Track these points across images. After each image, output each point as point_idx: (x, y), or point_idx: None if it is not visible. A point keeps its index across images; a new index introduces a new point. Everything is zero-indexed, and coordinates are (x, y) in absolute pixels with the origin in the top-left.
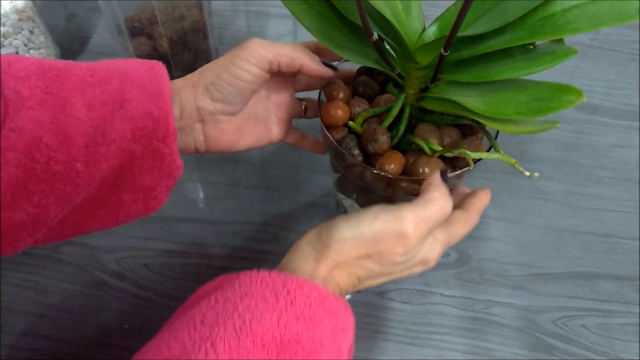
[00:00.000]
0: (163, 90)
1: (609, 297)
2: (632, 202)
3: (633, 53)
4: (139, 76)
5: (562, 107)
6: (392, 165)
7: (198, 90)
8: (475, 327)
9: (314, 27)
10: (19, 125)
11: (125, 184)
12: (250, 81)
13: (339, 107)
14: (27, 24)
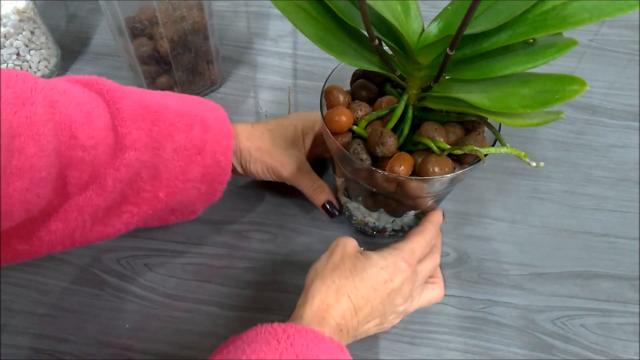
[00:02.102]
0: (230, 143)
1: (607, 296)
2: (631, 202)
3: (632, 53)
4: (216, 130)
5: (567, 98)
6: (402, 167)
7: (242, 164)
8: (474, 326)
9: (314, 35)
10: (128, 163)
11: (181, 208)
12: None
13: (343, 113)
14: (28, 24)
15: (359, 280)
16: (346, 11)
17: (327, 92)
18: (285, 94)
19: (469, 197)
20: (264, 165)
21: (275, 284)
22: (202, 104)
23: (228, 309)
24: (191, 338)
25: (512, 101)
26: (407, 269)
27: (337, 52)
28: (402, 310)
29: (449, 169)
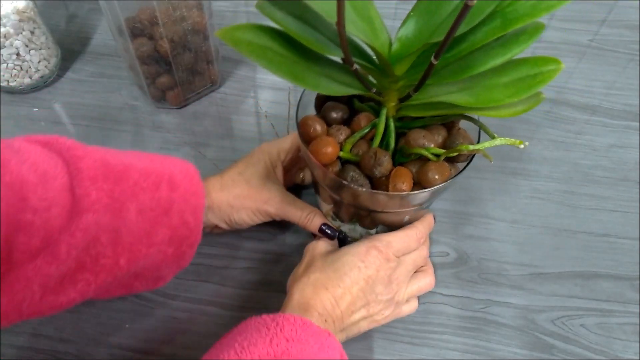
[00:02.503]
0: (200, 202)
1: (607, 296)
2: (630, 202)
3: (632, 53)
4: (185, 187)
5: (548, 79)
6: (404, 183)
7: (221, 217)
8: (474, 326)
9: (287, 73)
10: (85, 227)
11: (146, 274)
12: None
13: (328, 144)
14: (28, 24)
15: (332, 271)
16: (314, 41)
17: (303, 124)
18: (285, 94)
19: (469, 197)
20: (248, 211)
21: (275, 284)
22: (171, 162)
23: (228, 309)
24: (191, 338)
25: (495, 93)
26: (378, 256)
27: (312, 85)
28: (388, 300)
29: (448, 172)
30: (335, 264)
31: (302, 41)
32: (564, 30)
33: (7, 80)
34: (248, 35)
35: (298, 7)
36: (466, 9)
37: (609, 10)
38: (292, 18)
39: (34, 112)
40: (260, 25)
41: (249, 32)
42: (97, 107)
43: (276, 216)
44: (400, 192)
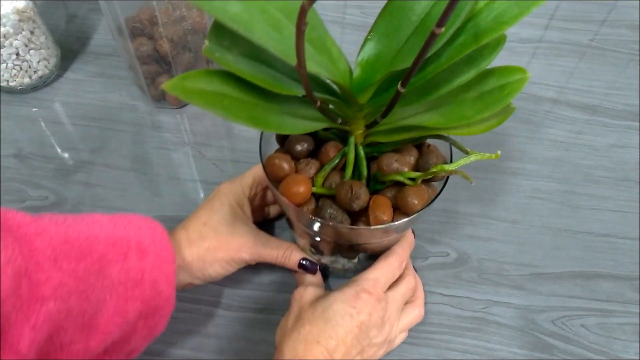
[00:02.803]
0: (172, 268)
1: (608, 296)
2: (631, 202)
3: (632, 53)
4: (155, 253)
5: (517, 90)
6: (384, 214)
7: (195, 275)
8: (474, 326)
9: (247, 118)
10: (48, 316)
11: (115, 349)
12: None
13: (300, 182)
14: (28, 24)
15: (323, 322)
16: (272, 81)
17: (269, 165)
18: None
19: (469, 197)
20: (222, 262)
21: (275, 284)
22: (136, 224)
23: (228, 309)
24: (191, 338)
25: (464, 110)
26: (369, 299)
27: (275, 127)
28: (382, 341)
29: (427, 195)
30: (325, 314)
31: (260, 84)
32: (564, 30)
33: (6, 80)
34: (199, 84)
35: (249, 46)
36: (433, 37)
37: (609, 10)
38: (244, 59)
39: (33, 112)
40: (211, 70)
41: (200, 79)
42: (97, 107)
43: (252, 261)
44: (381, 223)
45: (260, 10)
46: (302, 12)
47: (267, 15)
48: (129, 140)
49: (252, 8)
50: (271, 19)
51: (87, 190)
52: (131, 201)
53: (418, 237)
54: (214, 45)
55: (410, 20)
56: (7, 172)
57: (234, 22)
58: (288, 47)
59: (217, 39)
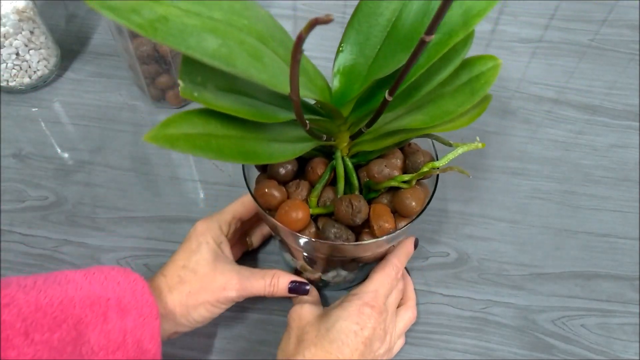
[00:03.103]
0: (157, 324)
1: (608, 296)
2: (631, 202)
3: (632, 53)
4: (136, 310)
5: (492, 77)
6: (387, 222)
7: (180, 322)
8: (474, 326)
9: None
10: None
11: None
12: (223, 312)
13: (297, 208)
14: (28, 24)
15: (327, 343)
16: (256, 112)
17: (260, 194)
18: None
19: (469, 197)
20: (207, 304)
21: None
22: (114, 279)
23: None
24: (191, 338)
25: (446, 106)
26: (372, 313)
27: (266, 158)
28: (385, 351)
29: (423, 195)
30: (330, 334)
31: (245, 116)
32: (564, 30)
33: (6, 80)
34: (182, 129)
35: (223, 78)
36: (423, 45)
37: (610, 10)
38: (222, 93)
39: (33, 112)
40: (191, 112)
41: (182, 124)
42: (97, 106)
43: (239, 298)
44: (387, 232)
45: (238, 42)
46: (299, 41)
47: (245, 45)
48: (129, 140)
49: (229, 41)
50: (250, 49)
51: (87, 190)
52: (131, 201)
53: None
54: (188, 85)
55: (381, 26)
56: (7, 172)
57: (214, 59)
58: (272, 75)
59: (189, 77)
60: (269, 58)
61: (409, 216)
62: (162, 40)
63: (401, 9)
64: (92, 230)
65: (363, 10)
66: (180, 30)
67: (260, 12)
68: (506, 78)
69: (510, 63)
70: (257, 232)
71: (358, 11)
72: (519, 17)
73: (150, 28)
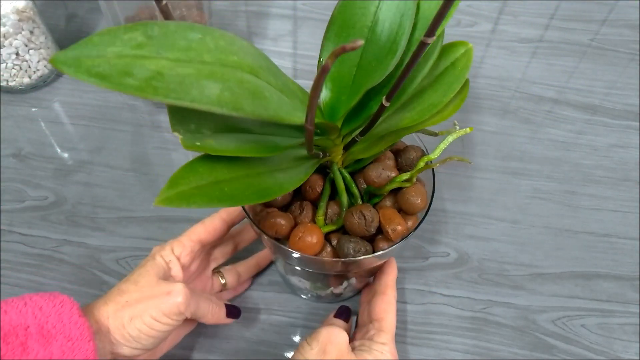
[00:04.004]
0: (89, 348)
1: (608, 297)
2: (631, 202)
3: (632, 53)
4: (63, 334)
5: (467, 62)
6: (399, 225)
7: (115, 338)
8: (475, 326)
9: (251, 196)
10: None
11: None
12: (169, 330)
13: (311, 232)
14: (28, 24)
15: None
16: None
17: (267, 226)
18: None
19: (469, 197)
20: (146, 316)
21: (276, 284)
22: (35, 304)
23: None
24: (191, 338)
25: (431, 98)
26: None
27: (277, 190)
28: None
29: (424, 190)
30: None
31: (251, 155)
32: (564, 29)
33: (6, 80)
34: (191, 183)
35: (214, 120)
36: (423, 47)
37: (610, 9)
38: (221, 136)
39: (33, 112)
40: (193, 162)
41: (190, 177)
42: (96, 106)
43: (186, 310)
44: (402, 234)
45: (237, 82)
46: (324, 71)
47: (245, 84)
48: (129, 140)
49: (228, 83)
50: (251, 87)
51: (87, 190)
52: (131, 201)
53: (418, 237)
54: (186, 135)
55: (361, 33)
56: (7, 172)
57: (221, 107)
58: (276, 109)
59: (183, 126)
60: (268, 91)
61: (415, 213)
62: (164, 98)
63: (375, 12)
64: (92, 230)
65: (338, 20)
66: (179, 82)
67: (243, 44)
68: (506, 78)
69: (510, 63)
70: (230, 270)
71: (333, 22)
72: (519, 17)
73: (150, 88)
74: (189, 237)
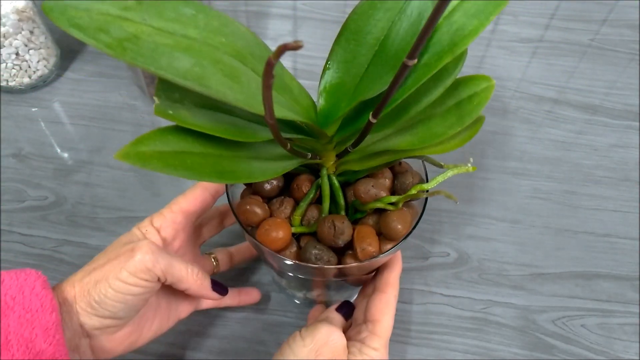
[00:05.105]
0: (52, 320)
1: (608, 297)
2: (631, 202)
3: (633, 53)
4: (22, 305)
5: (485, 99)
6: (371, 245)
7: (80, 307)
8: (475, 326)
9: (213, 174)
10: None
11: None
12: (140, 293)
13: (278, 227)
14: (27, 24)
15: None
16: (234, 130)
17: (241, 211)
18: None
19: (469, 197)
20: (112, 278)
21: (275, 284)
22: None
23: (227, 309)
24: (190, 338)
25: (436, 127)
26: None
27: (245, 176)
28: None
29: (410, 217)
30: None
31: (222, 135)
32: (564, 29)
33: (6, 80)
34: (155, 146)
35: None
36: (405, 69)
37: (610, 9)
38: (200, 110)
39: (33, 112)
40: (166, 128)
41: (156, 141)
42: (97, 106)
43: (156, 268)
44: (370, 255)
45: (212, 61)
46: (269, 67)
47: (221, 65)
48: (128, 140)
49: (202, 60)
50: (226, 68)
51: (87, 190)
52: (131, 201)
53: (418, 237)
54: (164, 102)
55: (369, 45)
56: (7, 172)
57: (186, 79)
58: (249, 95)
59: (166, 93)
60: (247, 77)
61: (395, 239)
62: (131, 61)
63: (390, 27)
64: (91, 230)
65: (351, 27)
66: (152, 49)
67: (239, 29)
68: (506, 78)
69: (510, 63)
70: (222, 251)
71: (346, 28)
72: (519, 17)
73: (119, 47)
74: (169, 208)
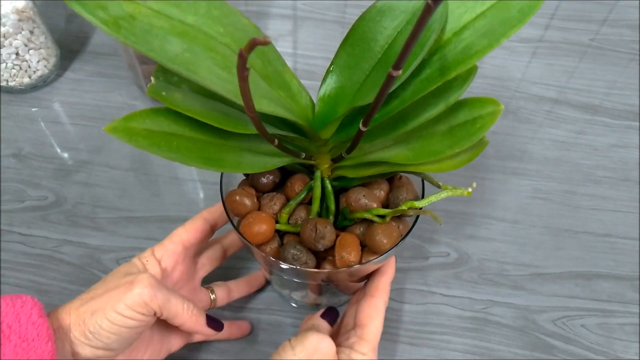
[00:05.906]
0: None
1: (608, 297)
2: (631, 202)
3: (633, 53)
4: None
5: (489, 123)
6: (351, 254)
7: (74, 336)
8: (474, 326)
9: (200, 159)
10: None
11: None
12: (135, 326)
13: (261, 221)
14: (28, 24)
15: None
16: (226, 119)
17: (230, 200)
18: None
19: (469, 197)
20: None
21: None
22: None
23: (227, 309)
24: None
25: (434, 145)
26: None
27: (232, 166)
28: None
29: (396, 232)
30: None
31: (212, 123)
32: (564, 29)
33: (6, 80)
34: (145, 124)
35: None
36: (390, 80)
37: (610, 9)
38: (195, 96)
39: (33, 112)
40: (159, 108)
41: (146, 119)
42: (97, 106)
43: (153, 303)
44: (347, 264)
45: (205, 48)
46: (241, 60)
47: (213, 53)
48: None
49: (195, 46)
50: (218, 57)
51: (87, 190)
52: (131, 201)
53: (418, 237)
54: (160, 83)
55: (373, 52)
56: (7, 172)
57: (174, 64)
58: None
59: (164, 75)
60: None
61: (377, 252)
62: (124, 39)
63: (395, 36)
64: (91, 230)
65: (357, 32)
66: (145, 30)
67: (241, 21)
68: (506, 78)
69: (510, 63)
70: (220, 286)
71: (352, 33)
72: None
73: (114, 25)
74: (170, 239)
